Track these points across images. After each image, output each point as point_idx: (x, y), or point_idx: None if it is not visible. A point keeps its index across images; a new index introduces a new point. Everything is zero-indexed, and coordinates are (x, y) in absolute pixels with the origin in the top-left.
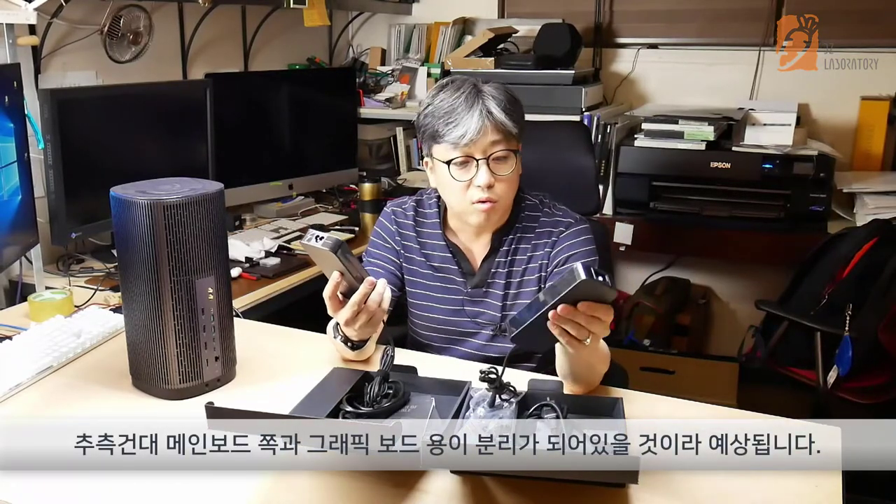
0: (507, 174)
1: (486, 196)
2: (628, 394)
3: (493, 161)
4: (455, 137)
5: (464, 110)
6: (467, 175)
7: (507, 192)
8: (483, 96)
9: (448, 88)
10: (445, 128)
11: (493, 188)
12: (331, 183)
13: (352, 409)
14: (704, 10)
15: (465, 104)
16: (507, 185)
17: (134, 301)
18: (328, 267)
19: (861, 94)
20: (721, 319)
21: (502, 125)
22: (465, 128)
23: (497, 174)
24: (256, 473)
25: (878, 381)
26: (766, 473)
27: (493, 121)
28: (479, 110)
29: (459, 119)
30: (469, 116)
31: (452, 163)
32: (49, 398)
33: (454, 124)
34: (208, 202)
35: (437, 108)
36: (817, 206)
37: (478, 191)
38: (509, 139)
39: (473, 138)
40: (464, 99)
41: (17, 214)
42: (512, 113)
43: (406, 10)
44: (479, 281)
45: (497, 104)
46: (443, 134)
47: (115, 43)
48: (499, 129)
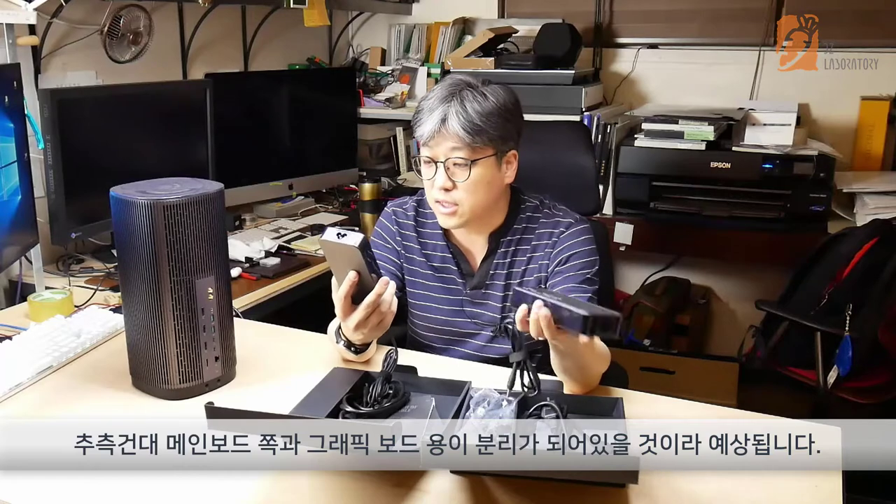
0: (463, 181)
1: (443, 198)
2: (628, 394)
3: (451, 166)
4: (418, 135)
5: (429, 111)
6: (430, 174)
7: (466, 198)
8: (455, 101)
9: (439, 87)
10: (417, 125)
11: (451, 193)
12: (331, 183)
13: (352, 409)
14: (704, 10)
15: (437, 104)
16: (466, 192)
17: (134, 301)
18: (344, 266)
19: (861, 94)
20: (721, 319)
21: (457, 135)
22: (423, 129)
23: (454, 180)
24: (256, 473)
25: (878, 381)
26: (766, 473)
27: (446, 128)
28: (440, 115)
29: (425, 118)
30: (430, 119)
31: (420, 159)
32: (49, 398)
33: (420, 122)
34: (208, 202)
35: (421, 105)
36: (817, 206)
37: (438, 191)
38: (472, 149)
39: (427, 142)
40: (438, 100)
41: (17, 214)
42: (477, 123)
43: (406, 10)
44: (478, 282)
45: (461, 112)
46: (415, 130)
47: (115, 43)
48: (456, 138)
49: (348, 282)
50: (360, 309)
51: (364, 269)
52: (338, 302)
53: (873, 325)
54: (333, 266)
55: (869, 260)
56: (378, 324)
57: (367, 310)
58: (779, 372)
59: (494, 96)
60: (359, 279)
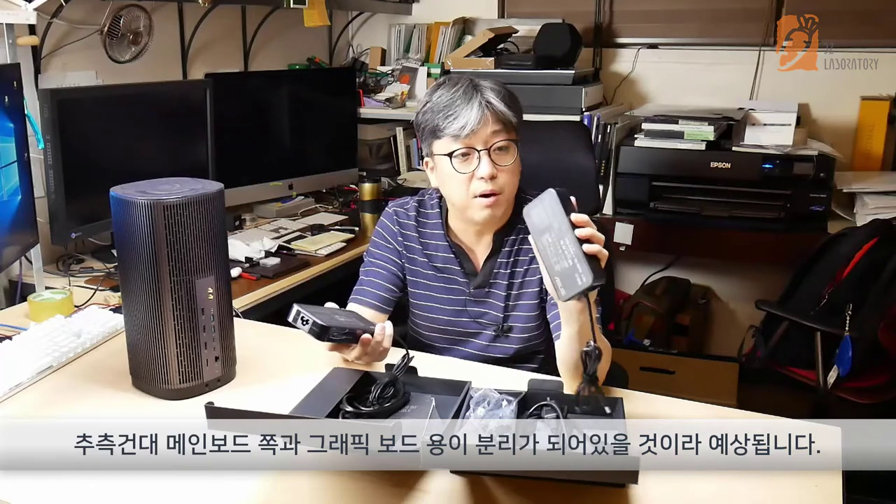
0: (509, 164)
1: (489, 188)
2: (628, 394)
3: (494, 152)
4: (456, 129)
5: (463, 102)
6: (469, 167)
7: (509, 183)
8: (481, 89)
9: (445, 85)
10: (445, 121)
11: (496, 179)
12: (331, 183)
13: (352, 409)
14: (704, 10)
15: (464, 97)
16: (509, 175)
17: (134, 301)
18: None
19: (861, 94)
20: (721, 319)
21: (502, 114)
22: (465, 118)
23: (499, 164)
24: (256, 473)
25: (878, 381)
26: (766, 473)
27: (494, 110)
28: (478, 101)
29: (459, 111)
30: (469, 108)
31: (454, 155)
32: (49, 398)
33: (454, 117)
34: (208, 202)
35: (435, 104)
36: (817, 206)
37: (480, 183)
38: (509, 129)
39: (475, 128)
40: (462, 92)
41: (17, 214)
42: (511, 104)
43: (406, 10)
44: (481, 281)
45: (496, 94)
46: (443, 127)
47: (115, 43)
48: (499, 119)
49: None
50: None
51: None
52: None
53: (873, 325)
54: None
55: (869, 260)
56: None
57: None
58: (779, 372)
59: (501, 84)
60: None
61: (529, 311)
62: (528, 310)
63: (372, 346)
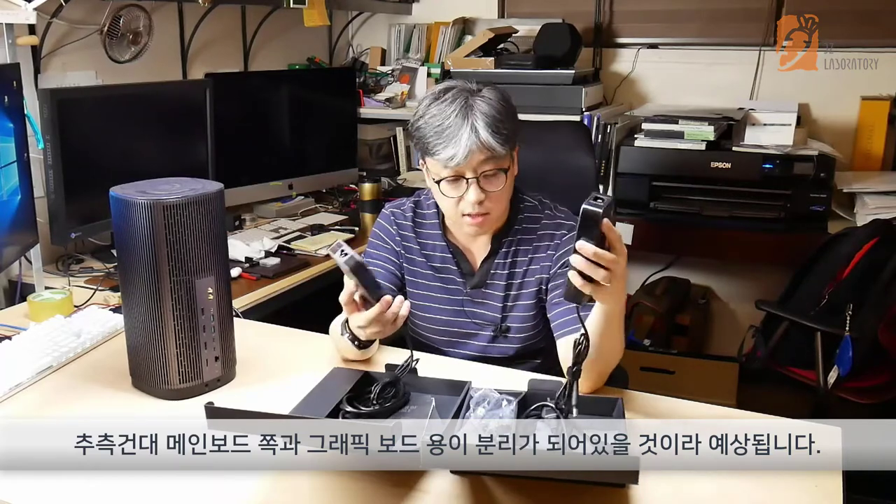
0: (497, 191)
1: (476, 211)
2: (628, 394)
3: (483, 178)
4: (444, 158)
5: (454, 130)
6: (458, 192)
7: (497, 205)
8: (473, 113)
9: (442, 101)
10: (435, 146)
11: (484, 203)
12: (331, 183)
13: (352, 409)
14: (704, 10)
15: (455, 122)
16: (498, 199)
17: (134, 301)
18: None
19: (861, 94)
20: (721, 319)
21: (490, 147)
22: (454, 150)
23: (487, 190)
24: (256, 473)
25: (878, 381)
26: (766, 473)
27: (481, 142)
28: (467, 131)
29: (448, 140)
30: (457, 138)
31: (443, 181)
32: (49, 398)
33: (443, 145)
34: (208, 202)
35: (428, 123)
36: (817, 206)
37: (468, 205)
38: (499, 158)
39: (461, 161)
40: (454, 117)
41: (17, 214)
42: (503, 130)
43: (406, 10)
44: (478, 281)
45: (486, 122)
46: (433, 152)
47: (114, 43)
48: (487, 149)
49: (348, 289)
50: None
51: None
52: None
53: (873, 325)
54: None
55: (869, 260)
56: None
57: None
58: (779, 372)
59: (497, 98)
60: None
61: (528, 311)
62: (526, 310)
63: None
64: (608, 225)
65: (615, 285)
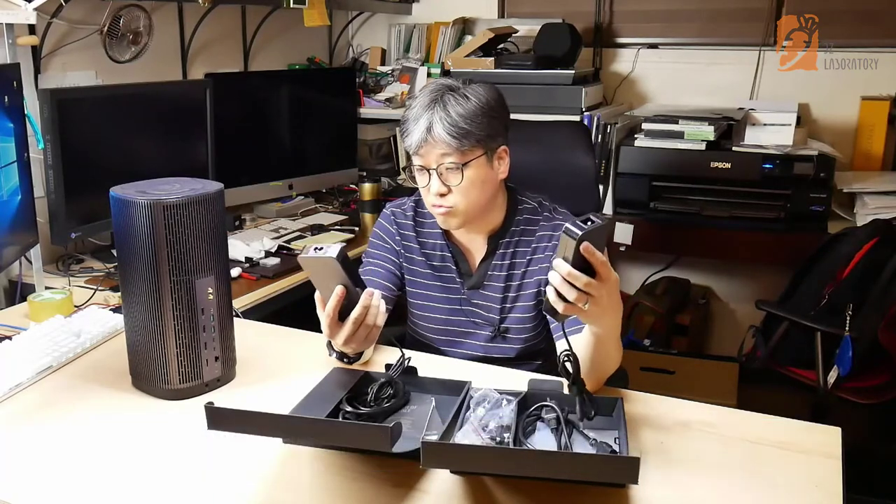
0: (457, 185)
1: (439, 203)
2: (628, 394)
3: (444, 171)
4: (407, 144)
5: (414, 120)
6: (424, 181)
7: (461, 200)
8: (439, 106)
9: (421, 94)
10: (403, 134)
11: (446, 197)
12: (331, 183)
13: (352, 409)
14: (704, 10)
15: (420, 113)
16: (461, 194)
17: (134, 301)
18: (327, 282)
19: (861, 94)
20: (721, 319)
21: (444, 141)
22: (411, 139)
23: (448, 184)
24: (256, 473)
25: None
26: (766, 473)
27: (433, 137)
28: (425, 124)
29: (411, 129)
30: (416, 128)
31: (413, 168)
32: (49, 398)
33: (408, 133)
34: (208, 202)
35: (406, 114)
36: (817, 206)
37: (433, 197)
38: (461, 152)
39: (418, 151)
40: (421, 108)
41: (17, 214)
42: (461, 125)
43: (406, 10)
44: (476, 282)
45: (446, 116)
46: (403, 139)
47: (114, 43)
48: (444, 143)
49: (335, 297)
50: (346, 325)
51: (347, 282)
52: (324, 320)
53: (873, 325)
54: (317, 283)
55: (869, 260)
56: (366, 336)
57: (354, 325)
58: (779, 372)
59: (476, 96)
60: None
61: (527, 312)
62: (525, 311)
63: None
64: (588, 249)
65: (599, 310)
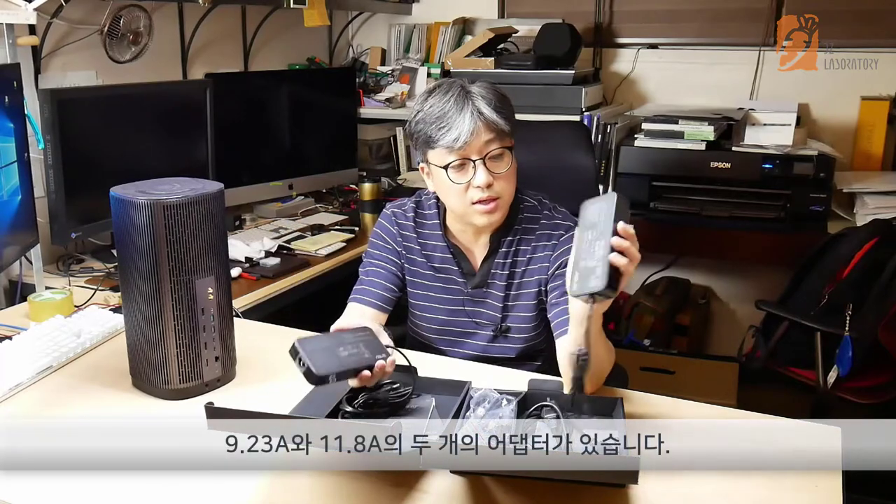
0: (505, 171)
1: (486, 195)
2: (628, 394)
3: (489, 160)
4: (449, 141)
5: (455, 113)
6: (465, 177)
7: (506, 188)
8: (472, 97)
9: (436, 93)
10: (438, 132)
11: (493, 186)
12: (331, 183)
13: (352, 409)
14: (704, 10)
15: (456, 107)
16: (506, 181)
17: (134, 301)
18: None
19: (861, 94)
20: (721, 319)
21: (494, 123)
22: (458, 130)
23: (495, 172)
24: (256, 473)
25: (878, 381)
26: (765, 473)
27: (485, 120)
28: (469, 111)
29: (451, 122)
30: (461, 119)
31: (450, 167)
32: (49, 398)
33: (447, 128)
34: (208, 202)
35: (427, 115)
36: (817, 206)
37: (477, 191)
38: (503, 137)
39: (467, 140)
40: (453, 102)
41: (17, 214)
42: (502, 110)
43: (406, 10)
44: (479, 281)
45: (486, 103)
46: (437, 139)
47: (115, 43)
48: (491, 128)
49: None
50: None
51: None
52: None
53: (873, 325)
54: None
55: (869, 260)
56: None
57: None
58: (779, 372)
59: (491, 87)
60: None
61: (528, 311)
62: (526, 310)
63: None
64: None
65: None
